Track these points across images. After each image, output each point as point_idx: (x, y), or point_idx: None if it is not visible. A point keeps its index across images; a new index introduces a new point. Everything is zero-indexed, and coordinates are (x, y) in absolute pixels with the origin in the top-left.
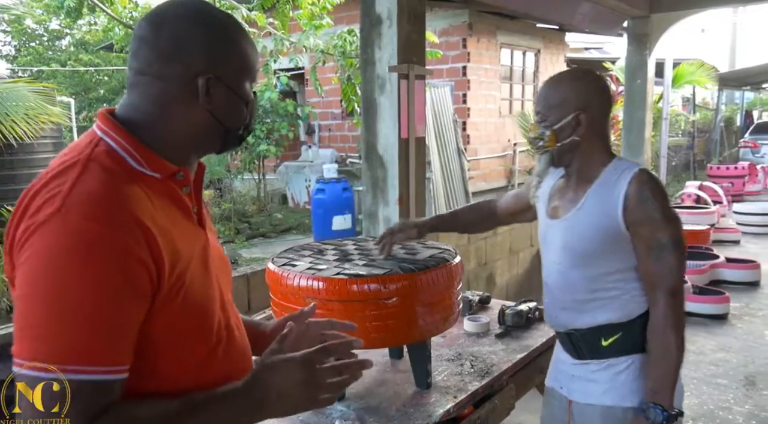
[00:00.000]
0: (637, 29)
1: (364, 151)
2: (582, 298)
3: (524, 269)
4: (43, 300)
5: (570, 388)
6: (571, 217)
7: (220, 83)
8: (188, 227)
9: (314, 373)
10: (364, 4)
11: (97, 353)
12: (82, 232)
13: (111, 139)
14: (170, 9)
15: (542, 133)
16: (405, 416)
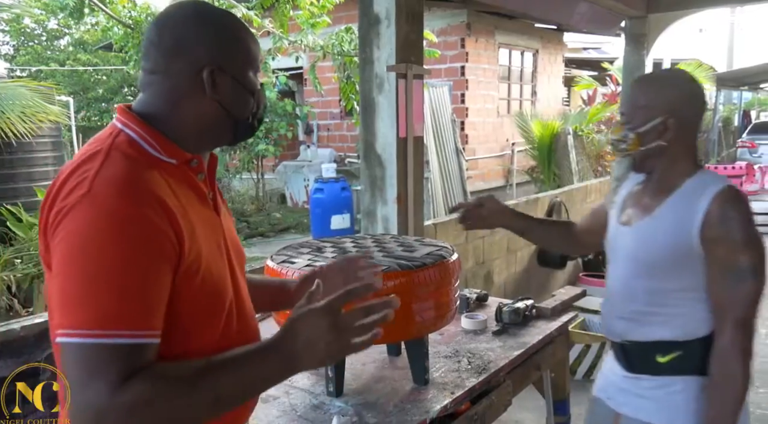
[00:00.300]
0: (634, 29)
1: (363, 151)
2: (641, 309)
3: (522, 267)
4: (81, 274)
5: (618, 401)
6: (642, 225)
7: (225, 74)
8: (204, 210)
9: (338, 317)
10: (362, 4)
11: (132, 318)
12: (111, 210)
13: (130, 129)
14: (172, 10)
15: (625, 136)
16: (403, 411)
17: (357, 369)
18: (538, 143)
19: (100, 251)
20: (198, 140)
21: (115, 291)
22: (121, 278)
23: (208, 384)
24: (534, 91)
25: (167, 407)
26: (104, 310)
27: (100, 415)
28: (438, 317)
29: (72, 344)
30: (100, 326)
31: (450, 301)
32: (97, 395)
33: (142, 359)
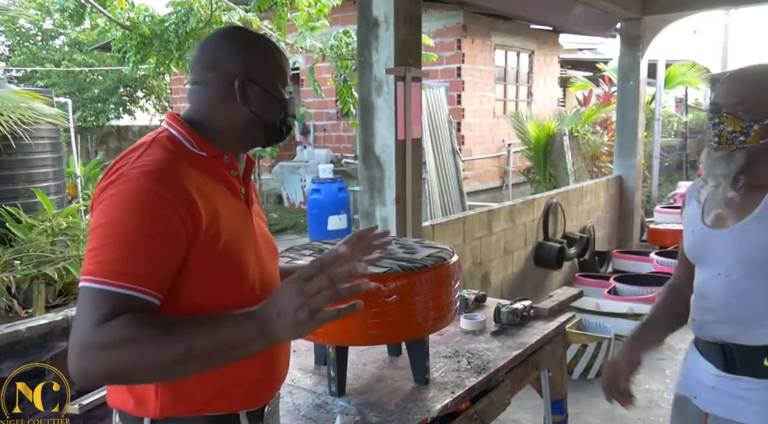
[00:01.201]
0: (629, 31)
1: (361, 152)
2: (754, 313)
3: (519, 268)
4: (102, 235)
5: (708, 400)
6: (745, 226)
7: (254, 84)
8: (232, 200)
9: (304, 284)
10: (361, 7)
11: (129, 273)
12: (139, 186)
13: (172, 127)
14: (212, 33)
15: (748, 127)
16: (404, 410)
17: (358, 369)
18: (534, 144)
19: (117, 216)
20: (232, 141)
21: (122, 252)
22: (128, 238)
23: (180, 335)
24: (530, 92)
25: (136, 349)
26: (108, 263)
27: (81, 350)
28: (438, 317)
29: (82, 287)
30: (103, 274)
31: (450, 302)
32: (83, 329)
33: (126, 308)
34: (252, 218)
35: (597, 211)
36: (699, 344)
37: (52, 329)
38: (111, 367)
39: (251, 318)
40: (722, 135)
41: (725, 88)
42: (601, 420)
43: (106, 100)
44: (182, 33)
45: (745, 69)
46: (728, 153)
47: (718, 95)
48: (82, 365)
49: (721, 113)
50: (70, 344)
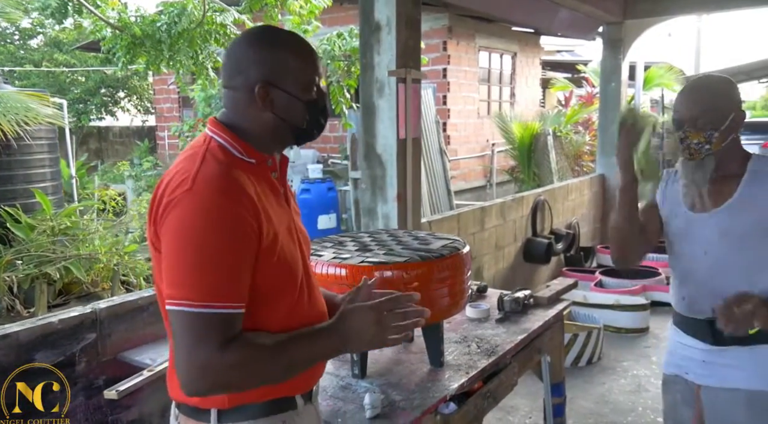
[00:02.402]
0: (611, 34)
1: (363, 151)
2: (736, 287)
3: (509, 263)
4: (186, 256)
5: (699, 374)
6: (728, 208)
7: (276, 89)
8: (278, 203)
9: (382, 316)
10: (363, 12)
11: (228, 293)
12: (210, 205)
13: (219, 136)
14: (237, 37)
15: (710, 136)
16: (424, 389)
17: (375, 354)
18: (518, 144)
19: (201, 237)
20: (266, 143)
21: (214, 271)
22: (218, 262)
23: (285, 352)
24: (513, 92)
25: (255, 367)
26: (207, 286)
27: (207, 371)
28: (453, 303)
29: (179, 311)
30: (203, 298)
31: (463, 289)
32: (206, 355)
33: (236, 326)
34: (293, 220)
35: (581, 208)
36: (684, 323)
37: (82, 320)
38: (233, 383)
39: (335, 334)
40: (690, 148)
41: (683, 104)
42: (594, 404)
43: (88, 101)
44: (174, 33)
45: (697, 83)
46: (699, 161)
47: (678, 111)
48: (209, 385)
49: (685, 129)
50: (183, 366)
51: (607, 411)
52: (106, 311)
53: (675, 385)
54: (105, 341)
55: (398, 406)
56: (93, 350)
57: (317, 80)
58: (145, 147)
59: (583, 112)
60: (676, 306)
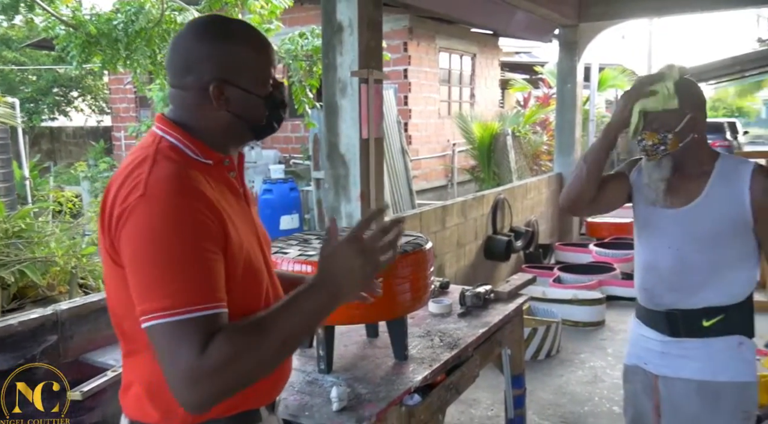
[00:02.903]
0: (567, 37)
1: (326, 151)
2: (699, 280)
3: (470, 261)
4: (153, 265)
5: (657, 364)
6: (695, 207)
7: (231, 86)
8: (239, 204)
9: (364, 243)
10: (325, 13)
11: (202, 295)
12: (167, 207)
13: (170, 135)
14: (183, 30)
15: (664, 138)
16: (389, 382)
17: (341, 350)
18: (479, 144)
19: (165, 243)
20: (222, 141)
21: (185, 275)
22: (187, 263)
23: (271, 329)
24: (473, 93)
25: (245, 359)
26: (179, 292)
27: (194, 377)
28: (416, 299)
29: (159, 324)
30: (178, 305)
31: (426, 285)
32: (186, 361)
33: (216, 326)
34: (252, 216)
35: (540, 206)
36: (645, 315)
37: (43, 322)
38: (228, 384)
39: (320, 288)
40: (647, 149)
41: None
42: (553, 395)
43: (39, 100)
44: (132, 32)
45: None
46: (657, 161)
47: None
48: (200, 394)
49: (641, 131)
50: (175, 382)
51: (565, 401)
52: (68, 312)
53: (635, 375)
54: (67, 343)
55: (364, 398)
56: (54, 352)
57: (273, 72)
58: (100, 148)
59: (540, 112)
60: (638, 297)
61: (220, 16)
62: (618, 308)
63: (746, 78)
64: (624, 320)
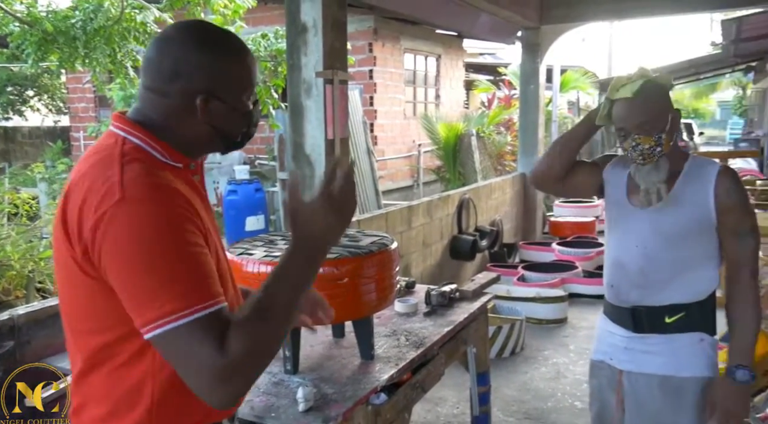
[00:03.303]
0: (529, 39)
1: (292, 151)
2: (664, 278)
3: (436, 260)
4: (152, 271)
5: (622, 359)
6: (663, 206)
7: (218, 100)
8: (205, 208)
9: (334, 197)
10: (289, 13)
11: (204, 293)
12: (151, 207)
13: (134, 136)
14: (174, 33)
15: (659, 139)
16: (356, 382)
17: (307, 350)
18: (444, 144)
19: (157, 246)
20: (190, 150)
21: (184, 275)
22: (183, 263)
23: (275, 305)
24: (438, 94)
25: (264, 341)
26: (184, 293)
27: (224, 375)
28: (382, 298)
29: (171, 330)
30: (185, 307)
31: (392, 284)
32: (212, 361)
33: (224, 320)
34: (215, 221)
35: (504, 206)
36: (611, 312)
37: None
38: (257, 372)
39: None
40: (644, 153)
41: (628, 113)
42: (517, 391)
43: None
44: (90, 30)
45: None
46: (654, 164)
47: (621, 120)
48: (233, 390)
49: (634, 136)
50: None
51: (529, 398)
52: (25, 317)
53: (601, 370)
54: (24, 348)
55: (330, 398)
56: (11, 358)
57: (254, 89)
58: (58, 148)
59: (504, 113)
60: (605, 294)
61: (215, 26)
62: (580, 305)
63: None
64: (585, 316)
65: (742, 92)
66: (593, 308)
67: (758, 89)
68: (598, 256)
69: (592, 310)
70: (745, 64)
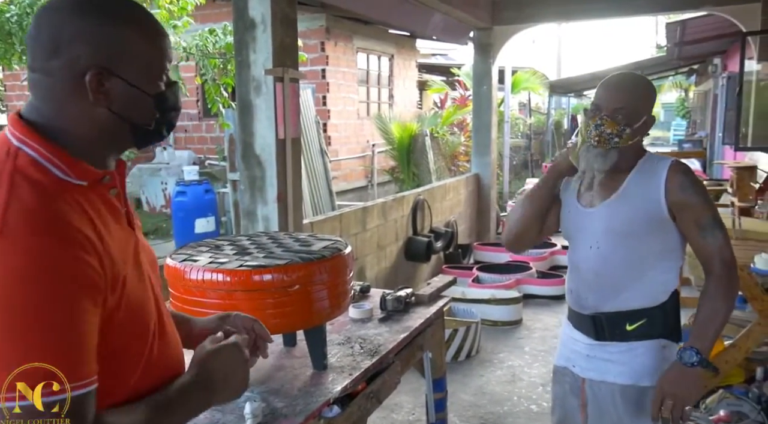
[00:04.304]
0: (482, 39)
1: (241, 151)
2: (619, 282)
3: (391, 262)
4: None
5: (584, 367)
6: (612, 202)
7: (114, 77)
8: (120, 230)
9: (245, 354)
10: (236, 8)
11: (75, 367)
12: (33, 249)
13: (30, 148)
14: (57, 1)
15: (622, 131)
16: (307, 394)
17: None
18: (398, 144)
19: (21, 300)
20: (97, 150)
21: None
22: (54, 329)
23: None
24: (391, 94)
25: None
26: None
27: None
28: (335, 305)
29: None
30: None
31: (346, 290)
32: None
33: (89, 410)
34: (139, 245)
35: (458, 206)
36: (573, 318)
37: None
38: None
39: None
40: (602, 135)
41: (607, 92)
42: (473, 396)
43: None
44: (26, 26)
45: (622, 77)
46: (605, 151)
47: (600, 98)
48: None
49: (602, 116)
50: None
51: (485, 402)
52: None
53: (564, 376)
54: None
55: (280, 413)
56: None
57: (167, 67)
58: None
59: (458, 114)
60: (567, 299)
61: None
62: (534, 307)
63: None
64: (540, 318)
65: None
66: (547, 309)
67: (700, 91)
68: (552, 256)
69: (546, 311)
70: (688, 66)
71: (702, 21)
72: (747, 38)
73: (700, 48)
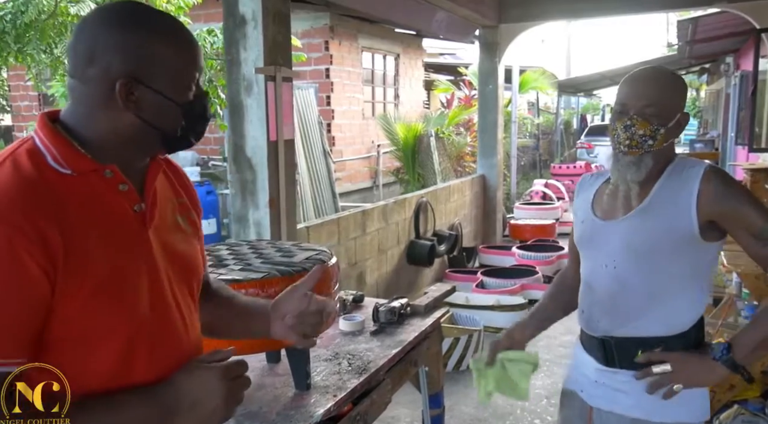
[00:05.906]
0: (487, 38)
1: (232, 154)
2: (635, 306)
3: (392, 267)
4: None
5: (592, 394)
6: (634, 215)
7: (143, 86)
8: (114, 222)
9: (232, 384)
10: (226, 4)
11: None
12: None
13: (38, 137)
14: (93, 13)
15: (656, 131)
16: (286, 418)
17: None
18: (403, 145)
19: None
20: (119, 152)
21: None
22: None
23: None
24: (396, 94)
25: None
26: None
27: None
28: None
29: None
30: None
31: None
32: None
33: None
34: (148, 236)
35: (463, 208)
36: (584, 339)
37: None
38: None
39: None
40: (633, 138)
41: (631, 89)
42: (474, 409)
43: None
44: (21, 24)
45: (648, 71)
46: (638, 157)
47: (626, 96)
48: None
49: (632, 116)
50: None
51: (487, 415)
52: None
53: (572, 400)
54: None
55: None
56: None
57: (197, 77)
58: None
59: (464, 113)
60: (578, 319)
61: (144, 5)
62: None
63: None
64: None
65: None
66: None
67: (712, 91)
68: (559, 260)
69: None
70: (700, 65)
71: (714, 18)
72: (762, 35)
73: (712, 46)
